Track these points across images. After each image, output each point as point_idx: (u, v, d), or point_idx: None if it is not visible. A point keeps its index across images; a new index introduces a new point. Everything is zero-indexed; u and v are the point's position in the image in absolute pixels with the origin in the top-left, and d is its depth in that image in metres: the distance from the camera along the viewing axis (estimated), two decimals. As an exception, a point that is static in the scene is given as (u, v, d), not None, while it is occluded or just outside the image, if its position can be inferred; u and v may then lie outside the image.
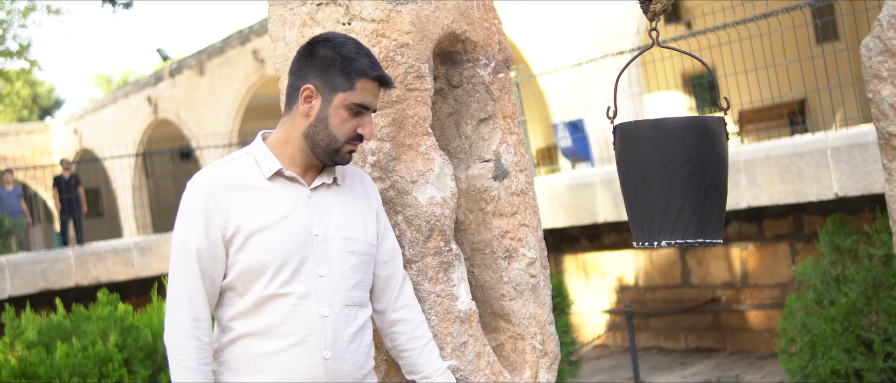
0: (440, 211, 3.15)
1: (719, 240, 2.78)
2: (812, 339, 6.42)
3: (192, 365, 2.52)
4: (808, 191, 7.03)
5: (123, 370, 5.67)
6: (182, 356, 2.52)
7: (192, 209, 2.57)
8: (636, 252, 10.79)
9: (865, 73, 2.23)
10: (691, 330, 10.43)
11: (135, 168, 24.52)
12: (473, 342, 3.18)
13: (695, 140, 2.70)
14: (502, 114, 3.48)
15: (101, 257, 11.70)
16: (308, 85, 2.62)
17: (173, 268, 2.57)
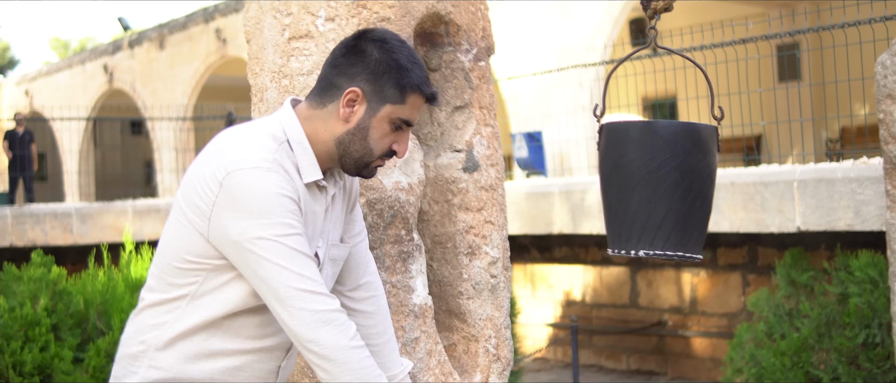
0: (405, 197, 2.99)
1: (699, 256, 2.63)
2: (759, 372, 6.35)
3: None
4: (770, 222, 6.95)
5: (51, 335, 5.44)
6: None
7: (282, 204, 2.23)
8: (586, 267, 10.69)
9: (878, 92, 2.08)
10: (634, 351, 10.35)
11: (84, 134, 24.10)
12: (426, 339, 3.02)
13: (685, 147, 2.55)
14: (479, 103, 3.33)
15: (39, 219, 11.38)
16: (355, 88, 2.31)
17: (278, 269, 2.22)
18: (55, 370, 5.40)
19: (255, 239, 2.18)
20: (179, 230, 2.29)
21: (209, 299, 2.30)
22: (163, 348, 2.30)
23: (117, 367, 2.38)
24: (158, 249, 2.36)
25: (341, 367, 2.23)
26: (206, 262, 2.26)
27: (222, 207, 2.20)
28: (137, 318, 2.36)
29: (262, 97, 3.13)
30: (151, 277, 2.36)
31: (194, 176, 2.27)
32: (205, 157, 2.28)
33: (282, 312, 2.21)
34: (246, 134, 2.32)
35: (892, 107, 2.03)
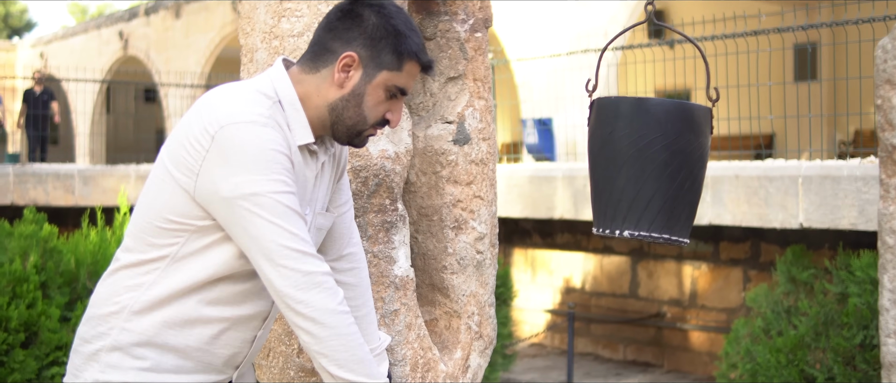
0: (390, 166, 2.92)
1: (686, 240, 2.56)
2: (754, 368, 6.28)
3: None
4: (773, 217, 6.87)
5: (39, 293, 5.40)
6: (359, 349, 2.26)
7: (277, 160, 2.16)
8: (587, 255, 10.63)
9: (877, 77, 2.01)
10: (631, 341, 10.29)
11: (97, 99, 24.09)
12: (406, 312, 2.96)
13: (676, 127, 2.47)
14: (473, 75, 3.26)
15: (41, 179, 11.35)
16: (351, 53, 2.25)
17: (271, 225, 2.14)
18: (41, 327, 5.36)
19: (248, 195, 2.10)
20: (162, 188, 2.21)
21: (189, 262, 2.22)
22: (139, 311, 2.23)
23: (83, 328, 2.30)
24: (137, 208, 2.29)
25: (328, 331, 2.17)
26: (189, 223, 2.19)
27: (213, 162, 2.12)
28: (111, 279, 2.28)
29: (252, 58, 3.07)
30: (129, 237, 2.28)
31: (182, 132, 2.19)
32: (194, 113, 2.21)
33: (270, 271, 2.14)
34: (238, 90, 2.25)
35: (891, 93, 1.95)
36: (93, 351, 2.25)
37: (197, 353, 2.27)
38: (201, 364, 2.28)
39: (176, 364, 2.25)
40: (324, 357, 2.19)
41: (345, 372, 2.21)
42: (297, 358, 2.87)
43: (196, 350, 2.26)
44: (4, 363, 5.23)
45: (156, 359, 2.23)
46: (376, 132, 2.36)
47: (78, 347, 2.29)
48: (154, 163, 2.33)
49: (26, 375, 5.27)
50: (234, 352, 2.33)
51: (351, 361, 2.21)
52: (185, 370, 2.26)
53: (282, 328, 2.87)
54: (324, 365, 2.21)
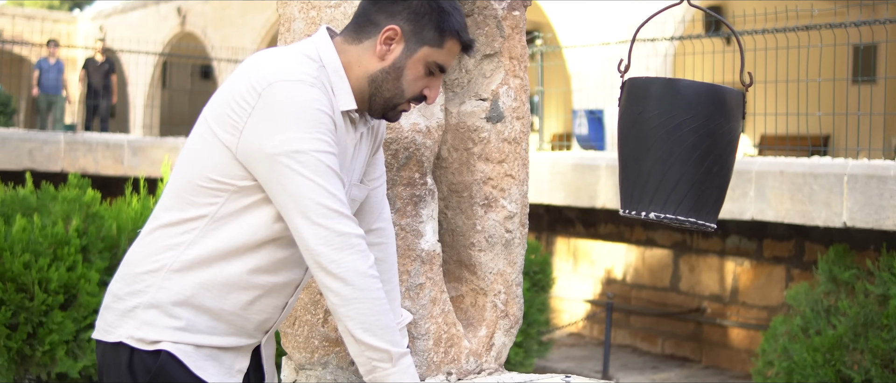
0: (421, 139, 2.93)
1: (713, 225, 2.53)
2: (790, 366, 6.23)
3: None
4: (816, 215, 6.79)
5: (79, 256, 5.47)
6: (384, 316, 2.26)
7: (322, 120, 2.18)
8: (629, 246, 10.58)
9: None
10: (670, 335, 10.24)
11: (153, 73, 24.36)
12: (431, 286, 2.97)
13: (707, 110, 2.45)
14: (509, 53, 3.25)
15: (91, 147, 11.50)
16: (394, 26, 2.28)
17: (311, 183, 2.16)
18: (80, 290, 5.43)
19: (291, 151, 2.12)
20: (204, 147, 2.24)
21: (229, 223, 2.24)
22: (178, 270, 2.25)
23: (117, 285, 2.33)
24: (177, 167, 2.31)
25: (357, 293, 2.18)
26: (230, 183, 2.21)
27: (259, 119, 2.14)
28: (149, 238, 2.31)
29: (289, 27, 3.08)
30: (168, 196, 2.30)
31: (227, 91, 2.22)
32: (239, 73, 2.24)
33: (306, 229, 2.15)
34: (284, 52, 2.29)
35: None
36: (129, 308, 2.27)
37: (231, 317, 2.29)
38: (234, 327, 2.31)
39: (209, 325, 2.28)
40: (350, 319, 2.20)
41: (369, 336, 2.22)
42: (322, 327, 2.89)
43: (230, 314, 2.29)
44: (43, 324, 5.31)
45: (190, 319, 2.26)
46: (410, 107, 2.38)
47: (110, 304, 2.32)
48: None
49: (64, 337, 5.34)
50: (266, 318, 2.36)
51: (376, 326, 2.22)
52: (218, 332, 2.29)
53: (308, 297, 2.89)
54: (349, 327, 2.22)
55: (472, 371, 3.11)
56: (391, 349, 2.24)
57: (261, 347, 2.47)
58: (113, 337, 2.28)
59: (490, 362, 3.18)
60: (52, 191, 5.98)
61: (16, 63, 25.63)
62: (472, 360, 3.11)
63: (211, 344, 2.29)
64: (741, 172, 7.35)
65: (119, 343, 2.27)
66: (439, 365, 2.98)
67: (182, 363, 2.25)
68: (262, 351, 2.48)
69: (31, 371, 5.42)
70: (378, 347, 2.23)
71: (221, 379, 2.31)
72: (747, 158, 8.29)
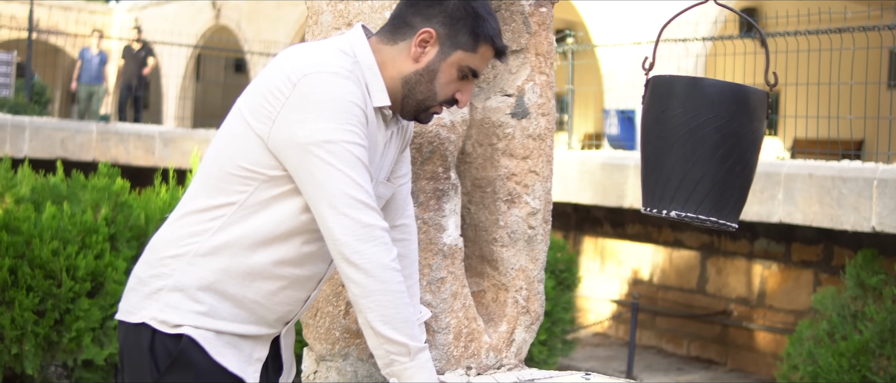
0: (445, 134, 2.93)
1: (734, 225, 2.53)
2: (816, 371, 6.20)
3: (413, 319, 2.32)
4: (845, 220, 6.75)
5: (107, 244, 5.53)
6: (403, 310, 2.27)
7: (354, 113, 2.21)
8: (657, 247, 10.55)
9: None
10: (696, 337, 10.21)
11: (187, 66, 24.49)
12: (452, 280, 2.97)
13: (730, 109, 2.45)
14: (536, 50, 3.25)
15: (123, 138, 11.60)
16: (430, 29, 2.31)
17: (339, 173, 2.18)
18: (108, 278, 5.50)
19: (322, 141, 2.15)
20: (236, 136, 2.27)
21: (256, 212, 2.27)
22: (203, 255, 2.28)
23: (142, 268, 2.36)
24: (208, 155, 2.35)
25: (378, 285, 2.20)
26: (260, 172, 2.24)
27: (292, 108, 2.17)
28: (177, 223, 2.34)
29: (317, 20, 3.10)
30: (198, 183, 2.34)
31: (261, 82, 2.26)
32: (274, 65, 2.27)
33: (331, 219, 2.17)
34: (320, 45, 2.32)
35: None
36: (153, 290, 2.30)
37: (253, 305, 2.32)
38: (255, 316, 2.34)
39: (231, 312, 2.30)
40: (370, 311, 2.22)
41: (388, 329, 2.23)
42: (343, 319, 2.90)
43: (253, 302, 2.32)
44: (70, 311, 5.37)
45: (213, 305, 2.28)
46: (442, 110, 2.41)
47: (134, 286, 2.35)
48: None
49: (90, 323, 5.40)
50: (288, 309, 2.39)
51: (396, 319, 2.23)
52: (240, 319, 2.32)
53: (330, 289, 2.90)
54: (369, 319, 2.23)
55: (491, 366, 3.11)
56: (410, 343, 2.25)
57: (280, 338, 2.49)
58: (136, 318, 2.31)
59: (510, 358, 3.19)
60: (82, 179, 6.05)
61: (51, 53, 25.86)
62: (492, 355, 3.11)
63: (232, 331, 2.31)
64: (770, 174, 7.32)
65: (141, 324, 2.30)
66: (459, 360, 2.98)
67: (202, 348, 2.28)
68: (281, 341, 2.50)
69: (58, 357, 5.48)
70: (397, 340, 2.24)
71: (240, 366, 2.33)
72: (776, 161, 8.26)
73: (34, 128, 11.13)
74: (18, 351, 5.26)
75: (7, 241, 5.25)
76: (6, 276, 5.17)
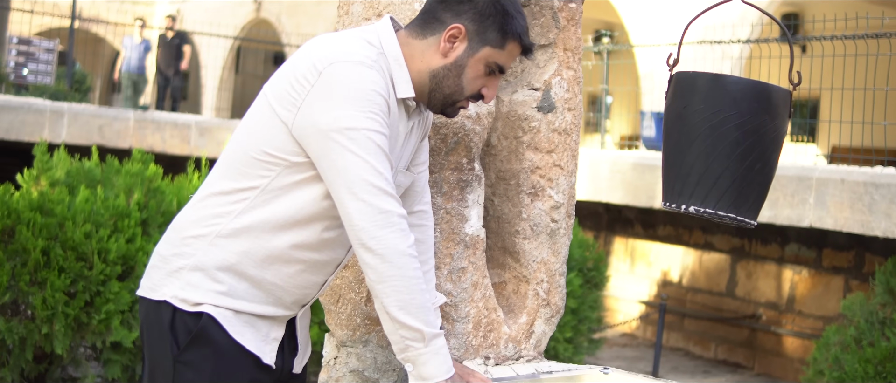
0: (470, 125, 2.96)
1: (752, 222, 2.55)
2: (841, 376, 6.16)
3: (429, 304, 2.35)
4: (876, 226, 6.72)
5: (138, 229, 5.59)
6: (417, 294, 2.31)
7: (376, 102, 2.26)
8: (687, 249, 10.53)
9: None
10: (723, 341, 10.18)
11: (227, 58, 24.65)
12: (473, 270, 3.00)
13: (752, 107, 2.47)
14: (564, 45, 3.27)
15: (159, 126, 11.71)
16: (459, 25, 2.37)
17: (359, 160, 2.23)
18: (138, 262, 5.55)
19: (345, 128, 2.20)
20: (261, 121, 2.32)
21: (278, 197, 2.32)
22: (226, 236, 2.34)
23: (164, 247, 2.42)
24: (233, 139, 2.40)
25: (394, 270, 2.24)
26: (283, 158, 2.29)
27: (317, 96, 2.22)
28: (200, 204, 2.40)
29: (347, 10, 3.14)
30: (223, 166, 2.40)
31: (288, 69, 2.31)
32: (301, 54, 2.32)
33: (350, 204, 2.22)
34: (346, 35, 2.38)
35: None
36: (175, 269, 2.36)
37: (271, 287, 2.37)
38: (273, 297, 2.39)
39: (250, 293, 2.35)
40: (386, 296, 2.26)
41: (403, 315, 2.27)
42: (365, 306, 2.94)
43: (271, 284, 2.37)
44: (101, 293, 5.43)
45: (232, 285, 2.34)
46: (468, 105, 2.47)
47: (157, 264, 2.41)
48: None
49: (120, 306, 5.46)
50: (306, 292, 2.44)
51: (411, 304, 2.27)
52: (258, 300, 2.37)
53: (353, 275, 2.93)
54: (385, 304, 2.27)
55: (510, 357, 3.13)
56: (424, 329, 2.29)
57: (296, 319, 2.53)
58: (157, 295, 2.37)
59: (529, 349, 3.21)
60: (116, 164, 6.11)
61: (91, 42, 26.10)
62: (510, 346, 3.13)
63: (250, 311, 2.36)
64: (802, 179, 7.30)
65: (163, 301, 2.36)
66: (477, 349, 3.01)
67: (221, 326, 2.33)
68: (297, 323, 2.54)
69: (87, 338, 5.55)
70: (412, 326, 2.28)
71: (258, 345, 2.38)
72: (809, 165, 8.23)
73: (73, 115, 11.27)
74: (49, 330, 5.33)
75: (41, 223, 5.32)
76: (39, 257, 5.24)
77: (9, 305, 5.38)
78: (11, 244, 5.29)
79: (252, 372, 2.38)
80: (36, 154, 5.92)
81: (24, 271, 5.25)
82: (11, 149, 11.07)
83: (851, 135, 8.94)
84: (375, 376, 2.95)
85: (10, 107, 11.01)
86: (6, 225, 5.27)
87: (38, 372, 5.66)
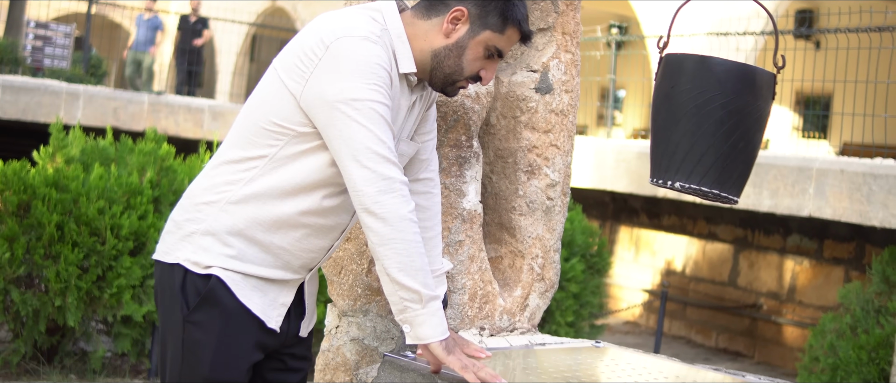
0: (470, 104, 3.08)
1: (735, 199, 2.66)
2: (835, 363, 6.28)
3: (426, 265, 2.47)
4: (873, 216, 6.82)
5: (151, 206, 5.74)
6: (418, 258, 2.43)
7: (380, 74, 2.38)
8: (691, 239, 10.63)
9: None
10: (725, 330, 10.28)
11: (242, 45, 24.73)
12: (470, 243, 3.11)
13: (736, 87, 2.57)
14: (562, 29, 3.38)
15: (173, 110, 11.84)
16: (462, 7, 2.50)
17: (363, 129, 2.35)
18: (150, 239, 5.70)
19: (350, 99, 2.32)
20: (271, 93, 2.45)
21: (286, 165, 2.44)
22: (235, 202, 2.46)
23: (177, 213, 2.54)
24: (244, 110, 2.53)
25: (395, 233, 2.36)
26: (291, 128, 2.41)
27: (324, 69, 2.35)
28: (212, 172, 2.52)
29: (355, -10, 3.24)
30: (233, 135, 2.52)
31: (297, 43, 2.43)
32: (310, 29, 2.45)
33: (355, 171, 2.34)
34: (352, 11, 2.50)
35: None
36: (187, 233, 2.49)
37: (279, 251, 2.50)
38: (281, 261, 2.51)
39: (259, 257, 2.48)
40: (387, 258, 2.39)
41: (403, 276, 2.39)
42: (366, 277, 3.05)
43: (279, 248, 2.49)
44: (113, 268, 5.58)
45: (242, 249, 2.46)
46: (468, 85, 2.59)
47: (171, 229, 2.54)
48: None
49: (131, 281, 5.61)
50: (312, 256, 2.56)
51: (411, 266, 2.39)
52: (266, 264, 2.49)
53: (354, 248, 3.05)
54: (385, 266, 2.40)
55: (504, 328, 3.24)
56: (422, 290, 2.41)
57: (305, 284, 2.65)
58: (171, 258, 2.50)
59: (523, 322, 3.32)
60: (130, 143, 6.26)
61: (108, 28, 26.23)
62: (505, 318, 3.24)
63: (258, 275, 2.49)
64: (802, 169, 7.39)
65: (175, 264, 2.49)
66: (473, 320, 3.12)
67: (229, 289, 2.46)
68: (305, 287, 2.66)
69: (99, 312, 5.70)
70: (410, 287, 2.40)
71: (264, 310, 2.51)
72: (809, 156, 8.32)
73: (88, 97, 11.40)
74: (62, 303, 5.48)
75: (56, 198, 5.47)
76: (53, 232, 5.39)
77: (23, 278, 5.53)
78: (27, 218, 5.44)
79: (257, 334, 2.51)
80: (52, 132, 6.07)
81: (38, 245, 5.40)
82: (28, 129, 11.20)
83: (863, 131, 9.01)
84: (375, 344, 3.06)
85: (27, 89, 11.16)
86: (22, 199, 5.43)
87: (51, 344, 5.81)
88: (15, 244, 5.32)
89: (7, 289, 5.39)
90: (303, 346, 2.73)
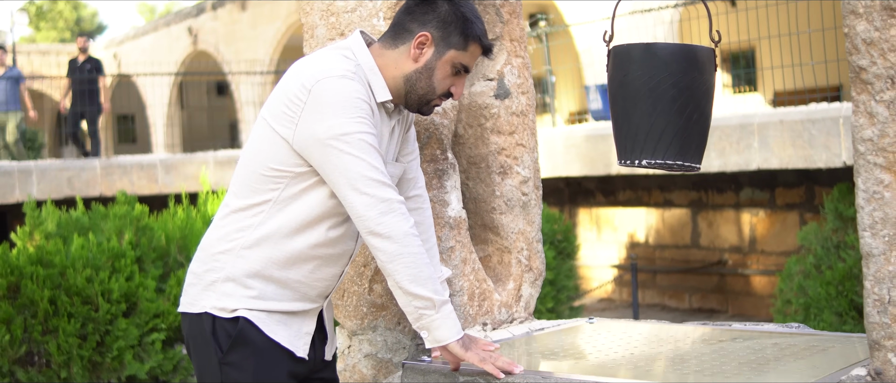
0: (439, 120, 3.27)
1: (697, 166, 2.89)
2: (806, 302, 6.55)
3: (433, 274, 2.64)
4: (818, 158, 7.13)
5: (135, 266, 5.88)
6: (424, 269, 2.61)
7: (362, 107, 2.58)
8: (649, 210, 10.89)
9: (843, 8, 2.35)
10: (696, 290, 10.55)
11: (170, 94, 24.71)
12: (461, 248, 3.29)
13: (682, 66, 2.80)
14: (510, 36, 3.59)
15: (126, 170, 11.95)
16: (426, 33, 2.68)
17: (357, 160, 2.54)
18: (140, 298, 5.84)
19: (340, 134, 2.51)
20: (264, 141, 2.64)
21: (290, 205, 2.63)
22: (249, 246, 2.64)
23: (196, 265, 2.72)
24: (241, 162, 2.72)
25: (401, 249, 2.56)
26: (288, 170, 2.60)
27: (310, 111, 2.53)
28: (222, 223, 2.70)
29: (312, 34, 3.42)
30: (236, 186, 2.71)
31: (281, 92, 2.62)
32: (290, 76, 2.64)
33: (355, 199, 2.53)
34: (325, 54, 2.69)
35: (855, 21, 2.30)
36: (209, 283, 2.67)
37: (296, 284, 2.69)
38: (299, 294, 2.70)
39: (278, 293, 2.67)
40: (397, 273, 2.59)
41: (415, 287, 2.59)
42: (368, 295, 3.24)
43: (295, 281, 2.68)
44: (109, 331, 5.72)
45: (261, 288, 2.65)
46: (441, 103, 2.79)
47: (192, 282, 2.72)
48: (255, 123, 2.76)
49: (130, 342, 5.75)
50: (327, 284, 2.76)
51: (420, 277, 2.59)
52: (286, 298, 2.69)
53: (354, 271, 3.23)
54: (397, 280, 2.60)
55: (504, 320, 3.44)
56: (434, 297, 2.61)
57: (323, 311, 2.86)
58: (197, 308, 2.69)
59: (520, 312, 3.52)
60: (102, 209, 6.41)
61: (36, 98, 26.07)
62: (503, 311, 3.45)
63: (280, 309, 2.68)
64: (744, 126, 7.69)
65: (203, 313, 2.67)
66: (475, 318, 3.32)
67: (257, 327, 2.64)
68: (324, 314, 2.86)
69: (103, 376, 5.83)
70: (423, 295, 2.60)
71: (291, 341, 2.70)
72: (748, 113, 8.60)
73: (40, 171, 11.47)
74: (67, 374, 5.61)
75: (43, 274, 5.59)
76: (47, 307, 5.52)
77: (25, 357, 5.66)
78: (19, 299, 5.56)
79: (288, 364, 2.70)
80: (26, 211, 6.20)
81: (35, 322, 5.53)
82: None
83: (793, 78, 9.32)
84: (388, 356, 3.24)
85: (-23, 173, 11.17)
86: (11, 281, 5.55)
87: (61, 415, 5.93)
88: (12, 325, 5.44)
89: (12, 370, 5.52)
90: (329, 369, 2.91)
